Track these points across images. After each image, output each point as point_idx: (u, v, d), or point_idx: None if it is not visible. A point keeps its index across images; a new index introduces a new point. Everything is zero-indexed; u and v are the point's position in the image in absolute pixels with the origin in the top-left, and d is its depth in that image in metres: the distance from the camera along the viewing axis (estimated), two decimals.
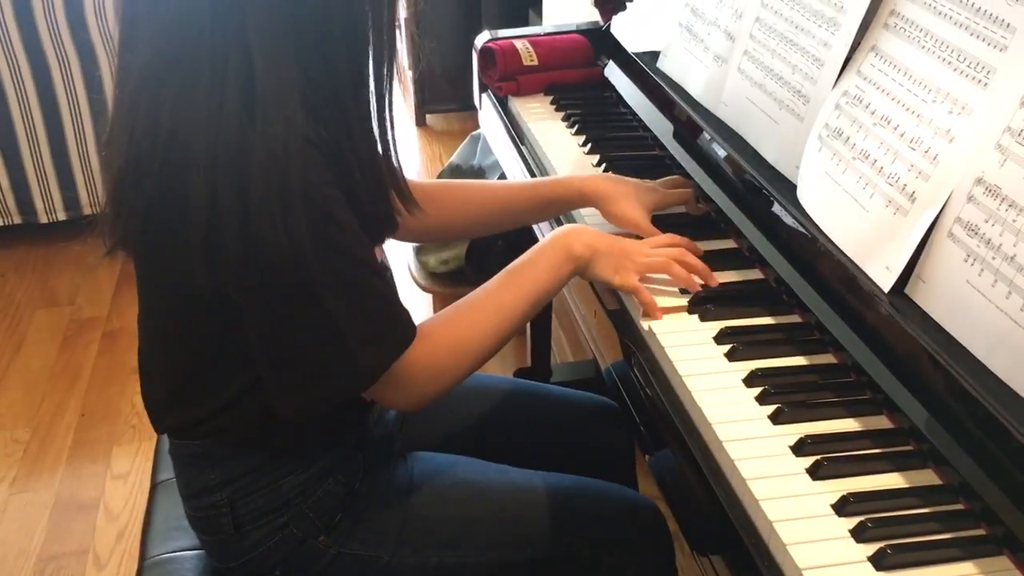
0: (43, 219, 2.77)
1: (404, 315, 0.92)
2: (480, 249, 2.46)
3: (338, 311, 0.86)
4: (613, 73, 1.57)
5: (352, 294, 0.86)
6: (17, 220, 2.76)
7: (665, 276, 1.07)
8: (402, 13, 3.98)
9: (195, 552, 1.10)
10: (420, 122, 3.70)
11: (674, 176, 1.27)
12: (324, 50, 0.84)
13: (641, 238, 1.13)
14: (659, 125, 1.37)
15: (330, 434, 1.02)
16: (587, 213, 1.25)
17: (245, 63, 0.80)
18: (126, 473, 2.04)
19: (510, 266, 1.03)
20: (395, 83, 0.90)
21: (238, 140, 0.80)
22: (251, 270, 0.82)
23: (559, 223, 1.27)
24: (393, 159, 0.94)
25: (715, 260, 1.11)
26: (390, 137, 0.92)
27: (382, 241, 1.00)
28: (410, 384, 0.94)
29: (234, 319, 0.87)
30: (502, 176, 2.42)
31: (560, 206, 1.24)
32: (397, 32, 0.89)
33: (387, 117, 0.91)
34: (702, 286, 1.06)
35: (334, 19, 0.84)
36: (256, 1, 0.80)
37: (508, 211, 1.23)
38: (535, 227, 1.44)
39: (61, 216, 2.77)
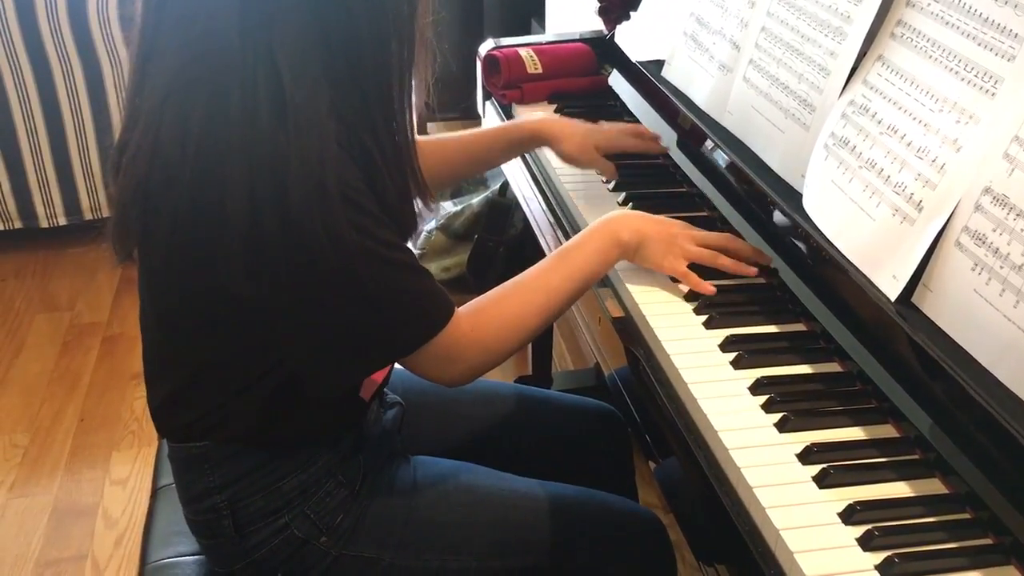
0: (44, 224, 2.76)
1: (441, 292, 0.96)
2: (481, 256, 2.47)
3: (380, 292, 0.89)
4: (617, 82, 1.57)
5: (393, 274, 0.90)
6: (18, 224, 2.75)
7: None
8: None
9: (195, 557, 1.09)
10: (422, 130, 3.70)
11: (635, 124, 1.38)
12: (350, 61, 0.87)
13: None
14: (663, 134, 1.37)
15: (327, 433, 1.03)
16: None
17: (274, 78, 0.83)
18: (125, 478, 2.03)
19: (559, 249, 1.07)
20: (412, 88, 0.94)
21: (273, 151, 0.83)
22: (295, 268, 0.85)
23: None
24: (415, 159, 0.97)
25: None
26: (411, 138, 0.96)
27: (406, 241, 1.02)
28: (458, 358, 0.97)
29: (257, 316, 0.90)
30: (505, 183, 2.43)
31: (520, 147, 1.38)
32: (418, 41, 0.92)
33: (408, 120, 0.95)
34: (759, 267, 1.09)
35: (361, 31, 0.87)
36: (284, 17, 0.83)
37: (481, 158, 1.36)
38: (533, 225, 1.46)
39: (62, 220, 2.76)
